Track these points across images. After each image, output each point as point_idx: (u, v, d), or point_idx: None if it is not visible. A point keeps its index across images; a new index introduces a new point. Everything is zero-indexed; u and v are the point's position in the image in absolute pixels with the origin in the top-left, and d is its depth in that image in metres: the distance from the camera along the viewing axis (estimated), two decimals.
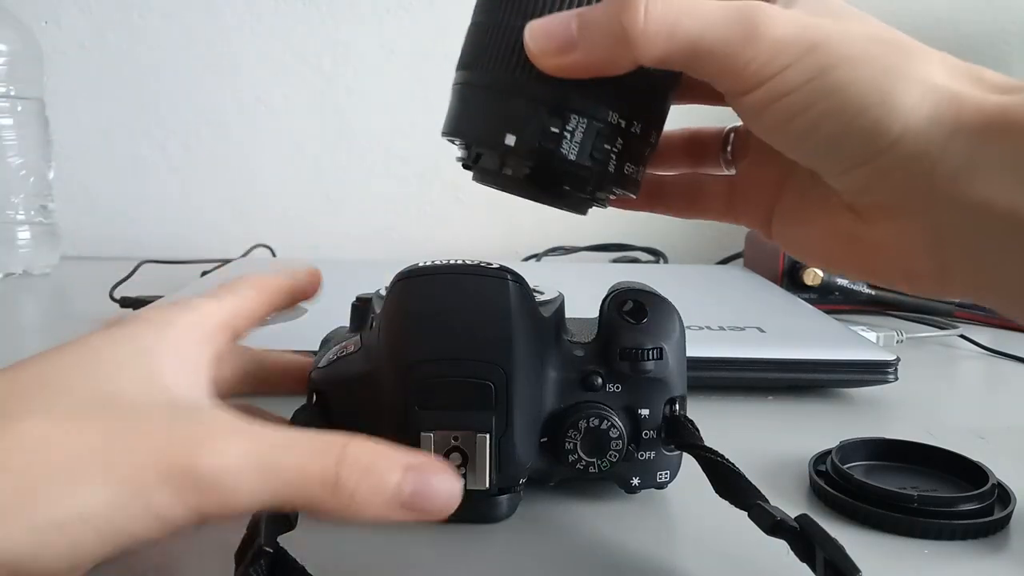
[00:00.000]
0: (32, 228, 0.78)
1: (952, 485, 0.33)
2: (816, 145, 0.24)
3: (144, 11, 0.89)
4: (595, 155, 0.26)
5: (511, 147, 0.26)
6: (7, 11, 0.76)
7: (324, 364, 0.31)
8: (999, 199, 0.22)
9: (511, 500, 0.31)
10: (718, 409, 0.44)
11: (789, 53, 0.23)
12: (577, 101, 0.26)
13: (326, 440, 0.22)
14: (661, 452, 0.31)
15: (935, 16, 0.89)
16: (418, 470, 0.23)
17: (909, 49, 0.24)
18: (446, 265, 0.30)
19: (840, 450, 0.35)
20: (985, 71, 0.24)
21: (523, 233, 0.90)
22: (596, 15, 0.24)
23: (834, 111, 0.23)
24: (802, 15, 0.24)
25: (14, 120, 0.76)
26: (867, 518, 0.31)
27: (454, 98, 0.28)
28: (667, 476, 0.32)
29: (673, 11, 0.23)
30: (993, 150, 0.22)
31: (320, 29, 0.90)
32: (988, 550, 0.30)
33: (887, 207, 0.24)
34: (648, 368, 0.30)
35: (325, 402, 0.30)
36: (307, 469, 0.22)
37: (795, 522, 0.24)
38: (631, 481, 0.31)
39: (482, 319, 0.28)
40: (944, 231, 0.23)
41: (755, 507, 0.25)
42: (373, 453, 0.23)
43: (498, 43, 0.26)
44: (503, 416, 0.29)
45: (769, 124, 0.24)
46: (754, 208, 0.30)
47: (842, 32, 0.23)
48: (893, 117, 0.22)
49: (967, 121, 0.22)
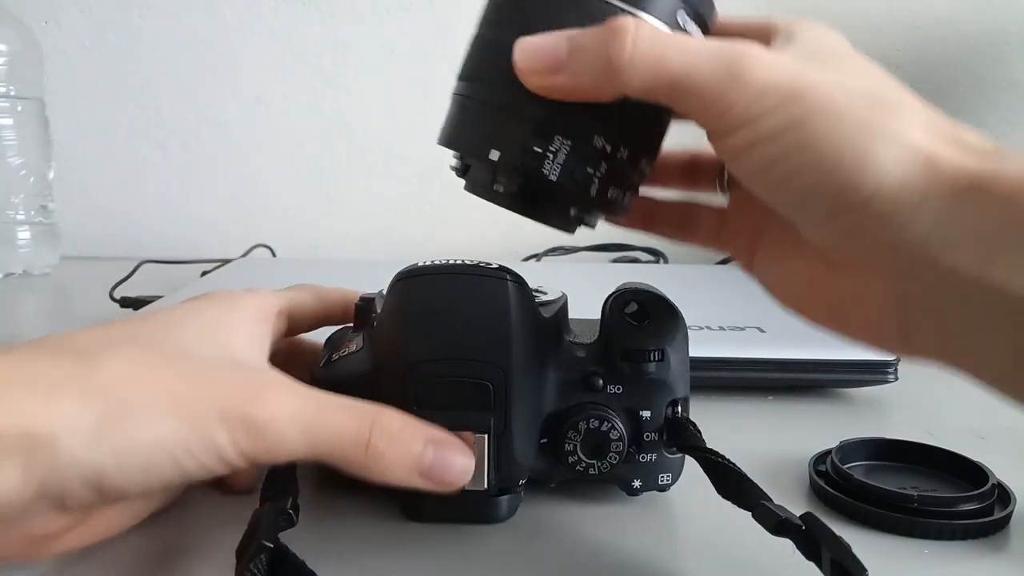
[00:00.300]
0: (32, 228, 0.78)
1: (952, 485, 0.34)
2: (790, 195, 0.24)
3: (144, 11, 0.89)
4: (576, 177, 0.26)
5: (495, 162, 0.27)
6: (7, 11, 0.76)
7: (326, 363, 0.31)
8: (966, 268, 0.21)
9: (511, 501, 0.31)
10: (718, 409, 0.44)
11: (770, 99, 0.23)
12: (563, 123, 0.26)
13: (362, 407, 0.26)
14: (663, 454, 0.31)
15: (935, 16, 0.89)
16: (438, 444, 0.27)
17: (893, 105, 0.23)
18: (445, 265, 0.30)
19: (840, 450, 0.35)
20: (965, 132, 0.24)
21: (523, 233, 0.89)
22: (586, 40, 0.24)
23: (809, 164, 0.23)
24: (792, 61, 0.24)
25: (14, 120, 0.76)
26: (867, 518, 0.31)
27: (451, 108, 0.29)
28: (669, 479, 0.32)
29: (660, 46, 0.23)
30: (963, 218, 0.22)
31: (320, 29, 0.90)
32: (988, 550, 0.30)
33: (855, 263, 0.24)
34: (650, 370, 0.30)
35: None
36: (343, 428, 0.25)
37: (800, 521, 0.24)
38: (632, 483, 0.31)
39: (480, 319, 0.29)
40: (910, 294, 0.23)
41: (759, 507, 0.25)
42: (402, 423, 0.27)
43: (494, 58, 0.26)
44: (501, 416, 0.29)
45: (746, 169, 0.24)
46: (739, 241, 0.30)
47: (828, 83, 0.23)
48: (867, 176, 0.22)
49: (939, 187, 0.22)
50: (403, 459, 0.26)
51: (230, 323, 0.29)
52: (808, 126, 0.22)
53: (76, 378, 0.23)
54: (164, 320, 0.28)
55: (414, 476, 0.26)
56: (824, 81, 0.23)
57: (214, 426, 0.24)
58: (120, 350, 0.25)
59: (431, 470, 0.26)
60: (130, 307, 0.60)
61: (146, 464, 0.23)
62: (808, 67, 0.23)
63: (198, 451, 0.24)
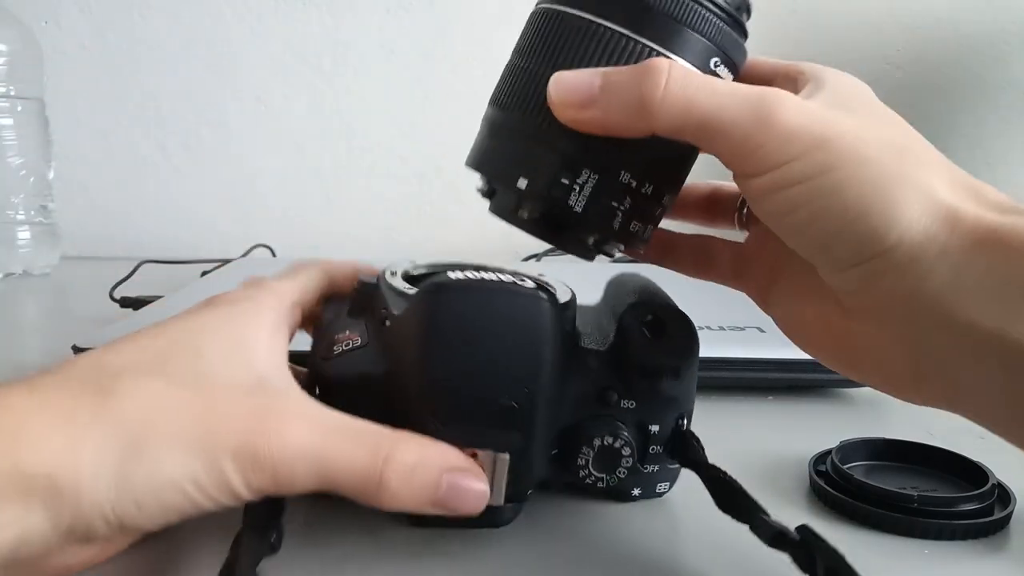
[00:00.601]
0: (32, 228, 0.78)
1: (952, 485, 0.33)
2: (813, 239, 0.24)
3: (144, 11, 0.89)
4: (601, 210, 0.27)
5: (522, 190, 0.27)
6: (7, 11, 0.76)
7: (329, 355, 0.30)
8: (983, 321, 0.22)
9: (515, 506, 0.30)
10: (718, 409, 0.44)
11: (799, 145, 0.23)
12: (591, 156, 0.26)
13: (376, 438, 0.26)
14: (665, 465, 0.31)
15: (935, 16, 0.89)
16: (455, 472, 0.26)
17: (919, 156, 0.24)
18: (479, 280, 0.28)
19: (840, 450, 0.35)
20: (986, 188, 0.24)
21: (523, 233, 0.90)
22: (620, 78, 0.25)
23: (835, 210, 0.23)
24: (820, 108, 0.24)
25: (14, 120, 0.76)
26: (867, 518, 0.31)
27: (481, 131, 0.29)
28: (666, 487, 0.32)
29: (692, 87, 0.24)
30: (981, 271, 0.22)
31: (320, 29, 0.90)
32: (988, 550, 0.30)
33: (873, 310, 0.24)
34: (665, 388, 0.30)
35: (329, 394, 0.29)
36: (355, 464, 0.25)
37: (796, 533, 0.24)
38: (632, 492, 0.31)
39: (514, 341, 0.27)
40: (925, 343, 0.23)
41: (756, 520, 0.26)
42: (417, 455, 0.26)
43: (527, 88, 0.27)
44: (525, 435, 0.28)
45: (771, 210, 0.24)
46: (756, 279, 0.30)
47: (856, 131, 0.23)
48: (891, 226, 0.22)
49: (959, 240, 0.22)
50: (416, 494, 0.25)
51: (252, 338, 0.28)
52: (835, 173, 0.23)
53: (97, 418, 0.23)
54: (189, 337, 0.27)
55: (426, 506, 0.26)
56: (852, 129, 0.23)
57: (225, 463, 0.24)
58: (142, 384, 0.25)
59: (445, 500, 0.26)
60: (130, 307, 0.59)
61: (163, 502, 0.24)
62: (836, 114, 0.24)
63: (211, 488, 0.24)
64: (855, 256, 0.23)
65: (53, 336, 0.60)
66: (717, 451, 0.30)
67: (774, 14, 0.89)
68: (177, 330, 0.27)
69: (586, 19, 0.26)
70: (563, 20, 0.27)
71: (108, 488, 0.23)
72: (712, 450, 0.31)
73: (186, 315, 0.28)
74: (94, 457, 0.23)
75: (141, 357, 0.26)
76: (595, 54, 0.26)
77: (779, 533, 0.24)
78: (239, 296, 0.30)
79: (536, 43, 0.28)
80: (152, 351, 0.26)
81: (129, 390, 0.24)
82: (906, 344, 0.24)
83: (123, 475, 0.23)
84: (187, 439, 0.24)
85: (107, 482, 0.23)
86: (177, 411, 0.24)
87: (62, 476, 0.22)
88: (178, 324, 0.28)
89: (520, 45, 0.29)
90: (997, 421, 0.23)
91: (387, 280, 0.31)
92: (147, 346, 0.27)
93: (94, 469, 0.23)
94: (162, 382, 0.25)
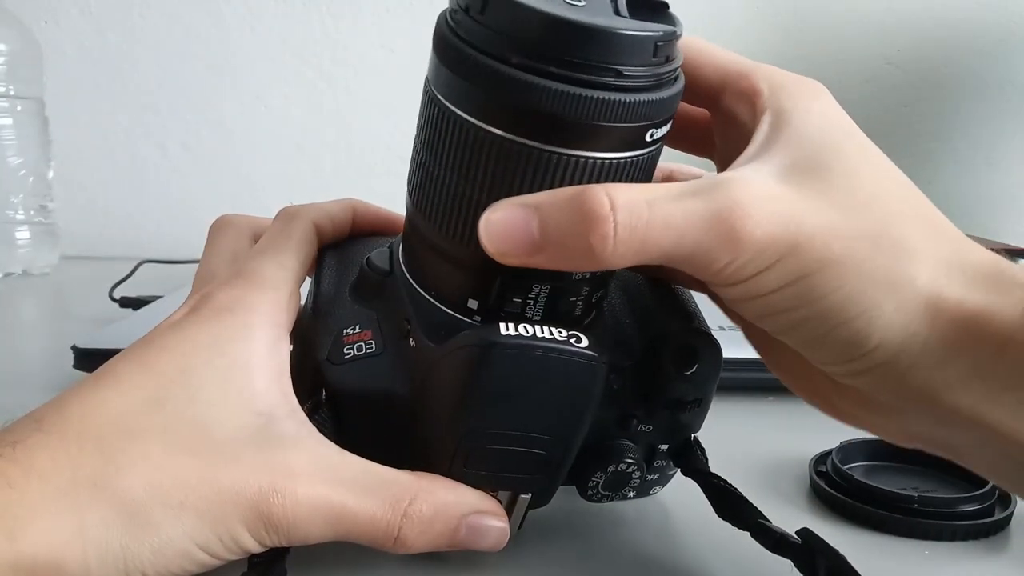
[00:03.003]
0: (32, 228, 0.78)
1: (952, 486, 0.33)
2: (796, 341, 0.24)
3: (144, 11, 0.89)
4: (561, 310, 0.26)
5: (475, 310, 0.26)
6: (7, 11, 0.76)
7: (338, 359, 0.28)
8: (967, 407, 0.22)
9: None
10: (718, 409, 0.44)
11: (768, 256, 0.22)
12: (538, 273, 0.24)
13: (395, 491, 0.25)
14: (665, 472, 0.31)
15: (935, 16, 0.89)
16: (475, 516, 0.26)
17: (896, 244, 0.22)
18: (531, 340, 0.24)
19: (840, 450, 0.35)
20: (973, 255, 0.23)
21: None
22: (559, 220, 0.22)
23: (813, 317, 0.23)
24: (786, 202, 0.22)
25: (14, 120, 0.76)
26: (867, 519, 0.31)
27: (409, 225, 0.28)
28: (659, 489, 0.32)
29: (642, 226, 0.22)
30: (963, 359, 0.22)
31: (320, 29, 0.90)
32: (988, 551, 0.30)
33: (863, 391, 0.24)
34: (687, 417, 0.30)
35: (339, 404, 0.27)
36: (372, 521, 0.25)
37: (796, 537, 0.24)
38: (627, 495, 0.31)
39: (562, 404, 0.25)
40: (913, 417, 0.24)
41: (757, 526, 0.26)
42: (435, 509, 0.25)
43: (449, 209, 0.25)
44: (550, 479, 0.27)
45: (749, 315, 0.24)
46: (752, 339, 0.30)
47: (827, 227, 0.22)
48: (871, 330, 0.22)
49: (941, 332, 0.22)
50: (434, 541, 0.25)
51: (247, 365, 0.26)
52: (809, 280, 0.22)
53: (99, 494, 0.23)
54: (180, 377, 0.25)
55: (444, 548, 0.26)
56: (822, 227, 0.22)
57: (236, 527, 0.24)
58: (139, 449, 0.24)
59: (464, 542, 0.26)
60: (130, 307, 0.59)
61: (173, 570, 0.23)
62: (805, 206, 0.22)
63: (221, 551, 0.24)
64: (839, 358, 0.23)
65: (53, 336, 0.60)
66: (717, 451, 0.30)
67: (774, 14, 0.89)
68: (165, 363, 0.26)
69: (495, 134, 0.23)
70: (462, 128, 0.24)
71: (117, 571, 0.22)
72: (712, 450, 0.31)
73: (172, 332, 0.27)
74: (99, 536, 0.22)
75: (131, 405, 0.24)
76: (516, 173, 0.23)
77: (780, 538, 0.25)
78: (229, 301, 0.27)
79: (442, 149, 0.25)
80: (142, 399, 0.25)
81: (128, 460, 0.23)
82: (894, 415, 0.24)
83: (131, 554, 0.23)
84: (194, 508, 0.23)
85: (115, 564, 0.22)
86: (180, 479, 0.23)
87: (69, 563, 0.22)
88: (165, 354, 0.26)
89: (422, 133, 0.26)
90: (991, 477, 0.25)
91: (407, 277, 0.28)
92: (136, 389, 0.25)
93: (101, 552, 0.22)
94: (159, 445, 0.24)
